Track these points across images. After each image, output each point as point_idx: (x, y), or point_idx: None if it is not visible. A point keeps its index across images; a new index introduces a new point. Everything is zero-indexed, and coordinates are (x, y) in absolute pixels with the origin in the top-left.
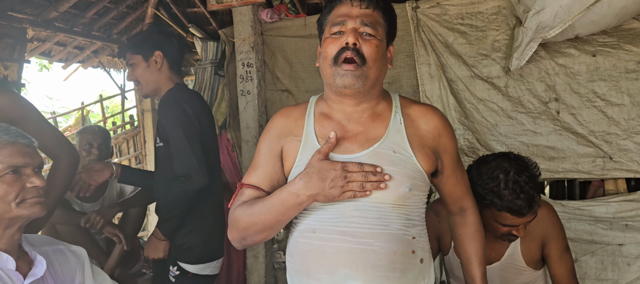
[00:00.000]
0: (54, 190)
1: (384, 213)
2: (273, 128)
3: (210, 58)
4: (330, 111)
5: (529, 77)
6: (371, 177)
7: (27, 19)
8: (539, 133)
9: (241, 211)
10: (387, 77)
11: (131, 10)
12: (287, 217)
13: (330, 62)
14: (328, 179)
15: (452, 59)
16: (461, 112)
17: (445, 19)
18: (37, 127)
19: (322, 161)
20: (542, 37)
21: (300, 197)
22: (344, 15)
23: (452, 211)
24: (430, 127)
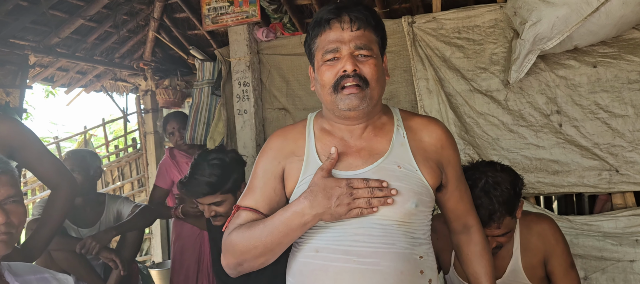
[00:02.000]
0: (51, 220)
1: (389, 230)
2: (271, 149)
3: (207, 78)
4: (331, 128)
5: (529, 90)
6: (378, 193)
7: (29, 45)
8: (542, 147)
9: (238, 234)
10: (385, 93)
11: (132, 34)
12: (290, 238)
13: (329, 90)
14: (334, 197)
15: (450, 73)
16: (461, 126)
17: (441, 33)
18: (38, 155)
19: (326, 178)
20: (540, 48)
21: (306, 217)
22: (336, 40)
23: (456, 229)
24: (433, 139)
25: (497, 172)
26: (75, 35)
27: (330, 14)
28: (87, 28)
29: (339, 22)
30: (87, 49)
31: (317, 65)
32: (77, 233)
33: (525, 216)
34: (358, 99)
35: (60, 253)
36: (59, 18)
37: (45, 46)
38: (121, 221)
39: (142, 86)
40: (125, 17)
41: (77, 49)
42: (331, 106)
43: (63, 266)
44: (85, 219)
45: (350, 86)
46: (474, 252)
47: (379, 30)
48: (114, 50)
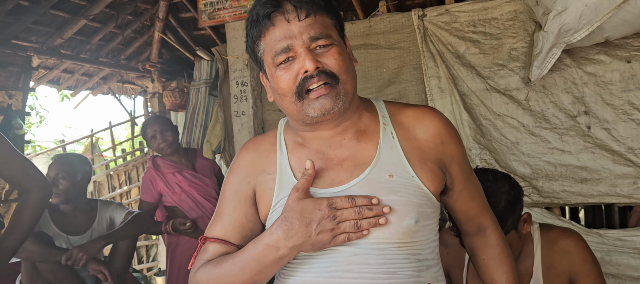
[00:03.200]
0: (19, 227)
1: (388, 256)
2: (240, 166)
3: (204, 78)
4: (304, 137)
5: (553, 89)
6: (366, 213)
7: (32, 46)
8: (568, 151)
9: (205, 273)
10: (393, 92)
11: (138, 34)
12: (265, 276)
13: (292, 98)
14: (314, 223)
15: (465, 70)
16: (476, 129)
17: (455, 27)
18: (5, 159)
19: (302, 200)
20: (565, 41)
21: (281, 251)
22: (284, 37)
23: (469, 232)
24: (429, 135)
25: (489, 182)
26: (79, 36)
27: (268, 6)
28: (91, 29)
29: (282, 13)
30: (92, 50)
31: (270, 73)
32: (67, 241)
33: (547, 230)
34: (330, 100)
35: (46, 264)
36: (62, 18)
37: (48, 48)
38: (113, 229)
39: (150, 88)
40: (129, 17)
41: (81, 50)
42: (299, 116)
43: (49, 279)
44: (75, 227)
45: (317, 88)
46: (491, 256)
47: (332, 11)
48: (120, 51)
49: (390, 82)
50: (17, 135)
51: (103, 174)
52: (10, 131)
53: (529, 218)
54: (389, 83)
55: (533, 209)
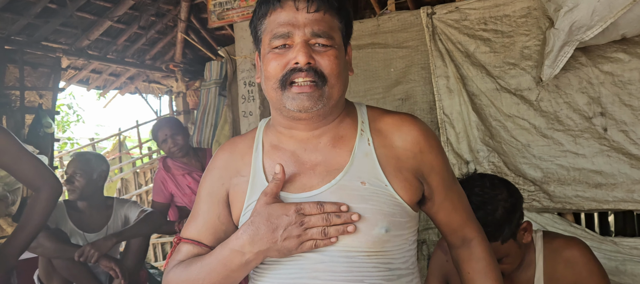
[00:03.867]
0: (30, 224)
1: (356, 264)
2: (215, 167)
3: (214, 78)
4: (280, 139)
5: (567, 89)
6: (334, 220)
7: (61, 48)
8: (582, 155)
9: (175, 275)
10: (400, 93)
11: (161, 35)
12: (232, 280)
13: (275, 84)
14: (280, 229)
15: (474, 70)
16: (485, 131)
17: (465, 25)
18: (15, 158)
19: (270, 204)
20: (578, 39)
21: (246, 256)
22: (287, 23)
23: (454, 244)
24: (407, 144)
25: (486, 188)
26: (106, 38)
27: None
28: (116, 30)
29: (294, 0)
30: (118, 51)
31: (263, 53)
32: (84, 238)
33: (551, 239)
34: (311, 100)
35: (61, 261)
36: (88, 20)
37: (76, 49)
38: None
39: (174, 88)
40: (153, 18)
41: (108, 51)
42: (277, 104)
43: (64, 274)
44: (91, 224)
45: (302, 84)
46: (477, 269)
47: (343, 15)
48: (145, 52)
49: (398, 82)
50: (47, 133)
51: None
52: (41, 129)
53: (529, 227)
54: (397, 83)
55: (544, 215)
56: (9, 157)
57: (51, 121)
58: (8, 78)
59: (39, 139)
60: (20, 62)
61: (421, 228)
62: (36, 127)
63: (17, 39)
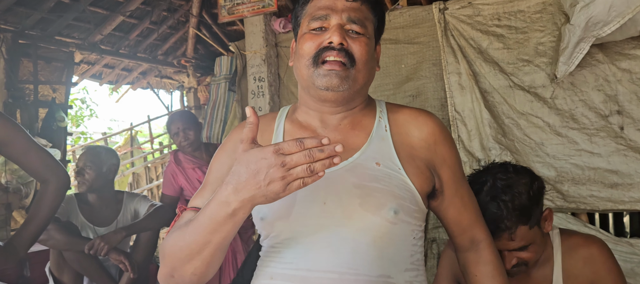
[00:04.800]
0: (38, 216)
1: (360, 251)
2: (231, 140)
3: (224, 73)
4: (304, 117)
5: (583, 86)
6: (318, 155)
7: (74, 42)
8: (597, 154)
9: (170, 236)
10: (411, 89)
11: (173, 30)
12: (220, 236)
13: (308, 61)
14: (261, 173)
15: (487, 66)
16: (498, 128)
17: (478, 20)
18: (23, 150)
19: (247, 151)
20: (594, 35)
21: (232, 205)
22: (326, 7)
23: (462, 246)
24: (423, 134)
25: (509, 173)
26: (118, 33)
27: None
28: (128, 25)
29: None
30: (130, 46)
31: (300, 34)
32: (94, 231)
33: (569, 236)
34: (339, 78)
35: (72, 253)
36: (100, 15)
37: (89, 43)
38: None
39: (186, 83)
40: (164, 13)
41: (120, 46)
42: (307, 83)
43: (75, 267)
44: (101, 218)
45: (332, 60)
46: (484, 273)
47: (378, 11)
48: (157, 47)
49: (409, 79)
50: (60, 127)
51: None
52: (54, 123)
53: (551, 215)
54: (407, 79)
55: (557, 215)
56: (17, 149)
57: (64, 115)
58: (22, 72)
59: (52, 132)
60: (34, 57)
61: (431, 226)
62: (49, 121)
63: (31, 34)
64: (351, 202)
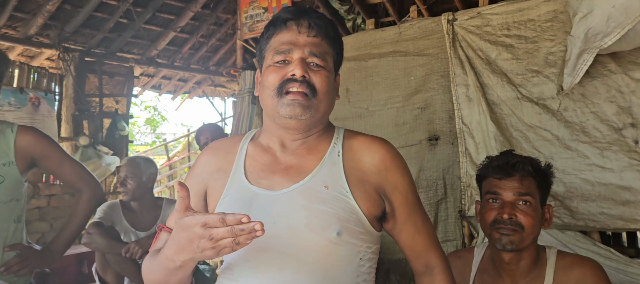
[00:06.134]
0: (73, 223)
1: (304, 270)
2: (198, 165)
3: (247, 87)
4: (266, 141)
5: (595, 97)
6: (239, 232)
7: (134, 58)
8: (609, 169)
9: (146, 262)
10: (419, 101)
11: (222, 42)
12: (177, 278)
13: (272, 92)
14: (194, 241)
15: (495, 78)
16: (504, 142)
17: (487, 31)
18: (58, 163)
19: (181, 219)
20: (596, 46)
21: (176, 262)
22: (289, 42)
23: (417, 270)
24: (374, 160)
25: (518, 154)
26: (172, 47)
27: (289, 14)
28: (181, 39)
29: (297, 24)
30: (184, 58)
31: (265, 67)
32: (136, 235)
33: (565, 256)
34: (301, 107)
35: (113, 255)
36: (155, 32)
37: (147, 58)
38: None
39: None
40: (213, 27)
41: (175, 58)
42: (272, 112)
43: (116, 268)
44: (142, 223)
45: (295, 91)
46: None
47: (337, 46)
48: (208, 58)
49: (418, 91)
50: (121, 136)
51: None
52: (116, 132)
53: (551, 210)
54: (416, 91)
55: (566, 233)
56: (54, 162)
57: (125, 124)
58: (88, 86)
59: (115, 141)
60: (99, 72)
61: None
62: (112, 131)
63: (95, 52)
64: (298, 223)
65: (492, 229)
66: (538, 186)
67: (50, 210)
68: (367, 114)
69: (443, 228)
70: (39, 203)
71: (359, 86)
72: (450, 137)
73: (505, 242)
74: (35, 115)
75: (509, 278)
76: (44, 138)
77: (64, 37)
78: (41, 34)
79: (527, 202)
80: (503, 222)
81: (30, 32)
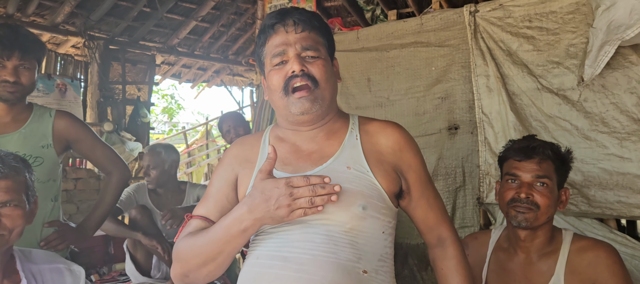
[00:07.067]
0: (104, 203)
1: (334, 238)
2: (227, 156)
3: None
4: (284, 135)
5: (615, 89)
6: (320, 191)
7: (155, 46)
8: (628, 158)
9: (184, 242)
10: (440, 91)
11: (242, 32)
12: (232, 247)
13: (280, 93)
14: (273, 199)
15: (515, 69)
16: (523, 131)
17: (508, 22)
18: (91, 146)
19: (264, 180)
20: (618, 38)
21: (244, 223)
22: (282, 43)
23: (430, 243)
24: (390, 142)
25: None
26: (193, 36)
27: (273, 19)
28: (201, 28)
29: (283, 25)
30: (204, 47)
31: (267, 72)
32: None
33: (581, 239)
34: (309, 102)
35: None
36: (176, 21)
37: (168, 46)
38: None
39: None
40: (233, 17)
41: (195, 47)
42: (284, 111)
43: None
44: (167, 206)
45: (300, 87)
46: (449, 267)
47: (325, 33)
48: (228, 47)
49: (438, 81)
50: (143, 122)
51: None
52: (138, 118)
53: (567, 193)
54: (437, 82)
55: (583, 220)
56: (86, 145)
57: (147, 111)
58: (112, 74)
59: (137, 127)
60: (122, 60)
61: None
62: (134, 117)
63: (119, 40)
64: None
65: (509, 206)
66: (556, 169)
67: (77, 193)
68: (387, 103)
69: (461, 214)
70: (67, 186)
71: (381, 75)
72: (470, 126)
73: (520, 219)
74: (62, 101)
75: (523, 255)
76: (79, 122)
77: (89, 25)
78: (67, 22)
79: (544, 184)
80: (519, 200)
81: (58, 20)
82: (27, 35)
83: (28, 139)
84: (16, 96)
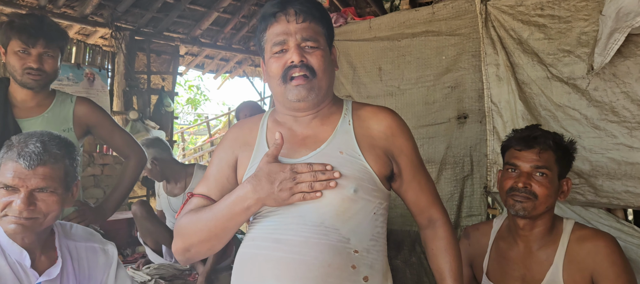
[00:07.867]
0: (122, 185)
1: (325, 220)
2: (227, 139)
3: None
4: (281, 119)
5: (626, 77)
6: (320, 177)
7: (179, 37)
8: (637, 148)
9: (186, 218)
10: (449, 80)
11: None
12: (234, 223)
13: (278, 80)
14: (277, 182)
15: (525, 57)
16: (531, 120)
17: (520, 10)
18: (110, 131)
19: (270, 163)
20: (628, 26)
21: (248, 201)
22: (282, 33)
23: (422, 224)
24: (381, 127)
25: (543, 130)
26: (215, 27)
27: (275, 7)
28: (223, 19)
29: (285, 15)
30: (226, 38)
31: (266, 58)
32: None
33: (581, 228)
34: (306, 90)
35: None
36: (199, 12)
37: (191, 37)
38: None
39: None
40: (254, 8)
41: (217, 38)
42: (281, 98)
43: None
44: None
45: (297, 76)
46: (439, 247)
47: (325, 22)
48: (249, 38)
49: (448, 70)
50: (167, 112)
51: None
52: (162, 108)
53: (570, 183)
54: (447, 70)
55: (590, 210)
56: (105, 130)
57: (170, 101)
58: (138, 64)
59: (161, 116)
60: (147, 51)
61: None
62: (159, 106)
63: (144, 31)
64: None
65: (507, 195)
66: (557, 159)
67: (103, 178)
68: (398, 92)
69: (468, 203)
70: (94, 171)
71: (392, 65)
72: (479, 115)
73: (518, 208)
74: (90, 90)
75: (523, 244)
76: (98, 108)
77: (116, 16)
78: (96, 14)
79: (543, 174)
80: (518, 190)
81: (86, 12)
82: (51, 24)
83: (50, 123)
84: (40, 82)
